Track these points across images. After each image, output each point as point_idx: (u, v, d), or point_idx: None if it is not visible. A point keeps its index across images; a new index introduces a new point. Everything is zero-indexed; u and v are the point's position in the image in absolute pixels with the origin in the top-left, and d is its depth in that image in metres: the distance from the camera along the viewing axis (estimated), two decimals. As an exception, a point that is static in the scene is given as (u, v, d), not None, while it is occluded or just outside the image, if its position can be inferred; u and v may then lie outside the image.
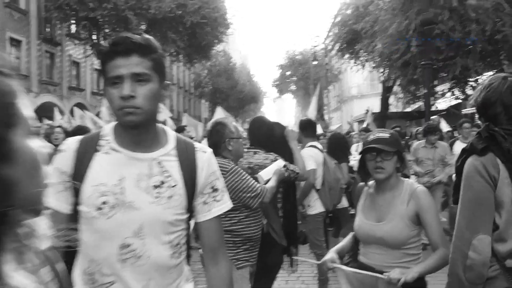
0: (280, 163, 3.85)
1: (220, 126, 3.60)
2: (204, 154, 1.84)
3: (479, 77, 13.35)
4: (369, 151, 2.66)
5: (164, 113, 12.33)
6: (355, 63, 22.42)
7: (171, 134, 1.83)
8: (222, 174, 3.31)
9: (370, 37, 15.97)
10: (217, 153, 3.52)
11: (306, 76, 44.42)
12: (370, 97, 35.90)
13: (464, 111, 18.83)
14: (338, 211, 6.08)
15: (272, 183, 3.60)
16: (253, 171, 3.75)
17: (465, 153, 2.12)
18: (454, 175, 2.60)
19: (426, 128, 7.79)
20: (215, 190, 1.85)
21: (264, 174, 3.73)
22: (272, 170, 3.75)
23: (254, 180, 3.47)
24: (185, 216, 1.78)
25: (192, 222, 1.91)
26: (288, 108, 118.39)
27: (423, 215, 2.55)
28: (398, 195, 2.66)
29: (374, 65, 18.40)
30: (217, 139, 3.54)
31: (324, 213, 5.64)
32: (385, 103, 21.72)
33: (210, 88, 43.73)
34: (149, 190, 1.68)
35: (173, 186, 1.71)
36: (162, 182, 1.70)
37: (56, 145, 6.23)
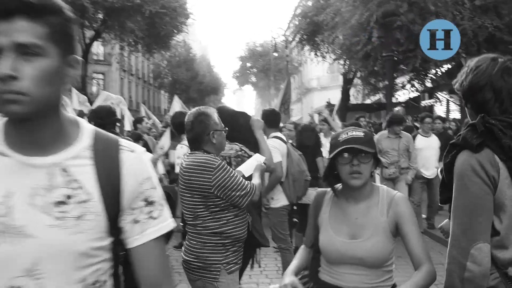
0: (260, 158, 3.67)
1: (204, 116, 3.23)
2: (131, 153, 1.35)
3: (438, 69, 13.56)
4: (344, 152, 2.22)
5: (101, 99, 10.50)
6: (315, 55, 22.46)
7: (86, 128, 1.34)
8: (209, 171, 3.03)
9: (331, 29, 15.95)
10: (198, 147, 3.21)
11: (266, 68, 44.53)
12: (331, 89, 36.23)
13: (423, 103, 19.20)
14: (306, 206, 5.97)
15: (257, 180, 3.38)
16: None
17: (455, 148, 1.88)
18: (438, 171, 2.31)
19: (391, 118, 7.74)
20: (150, 203, 1.36)
21: (244, 170, 3.52)
22: (252, 165, 3.55)
23: (242, 177, 3.24)
24: (106, 242, 1.30)
25: None
26: (248, 100, 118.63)
27: (403, 225, 2.19)
28: (375, 204, 2.28)
29: (334, 57, 18.44)
30: (201, 131, 3.20)
31: (289, 206, 5.54)
32: (345, 95, 21.85)
33: (169, 79, 43.17)
34: (48, 209, 1.21)
35: (83, 202, 1.25)
36: (68, 197, 1.23)
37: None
